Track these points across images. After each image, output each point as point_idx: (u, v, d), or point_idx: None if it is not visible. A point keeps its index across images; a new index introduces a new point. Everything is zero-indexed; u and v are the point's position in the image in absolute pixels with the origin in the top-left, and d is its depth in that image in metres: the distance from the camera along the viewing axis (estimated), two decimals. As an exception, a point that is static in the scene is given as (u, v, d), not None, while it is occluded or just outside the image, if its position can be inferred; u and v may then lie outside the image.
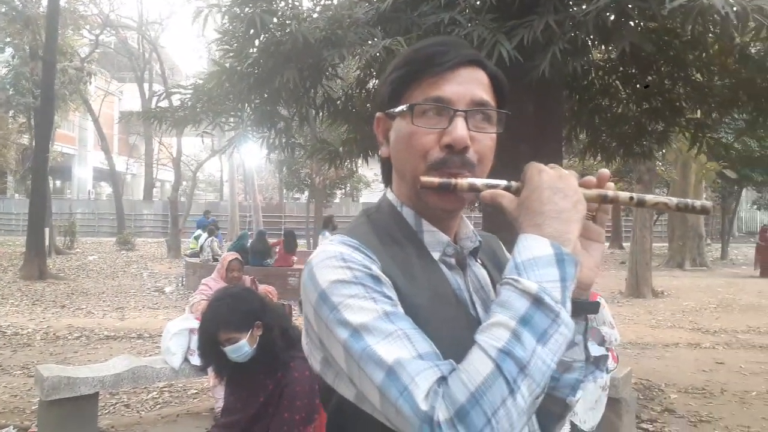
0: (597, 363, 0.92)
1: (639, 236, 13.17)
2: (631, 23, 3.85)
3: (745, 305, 12.00)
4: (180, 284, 13.99)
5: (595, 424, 4.14)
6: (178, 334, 4.64)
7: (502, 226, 1.06)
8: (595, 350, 0.91)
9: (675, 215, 18.89)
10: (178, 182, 26.05)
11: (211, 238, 14.19)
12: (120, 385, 4.45)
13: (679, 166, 17.62)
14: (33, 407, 4.94)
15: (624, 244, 25.39)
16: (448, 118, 0.92)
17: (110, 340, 8.01)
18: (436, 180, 0.90)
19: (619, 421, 4.36)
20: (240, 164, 30.02)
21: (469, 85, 0.94)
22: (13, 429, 4.48)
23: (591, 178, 0.91)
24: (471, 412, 0.71)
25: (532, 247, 0.80)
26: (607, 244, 28.10)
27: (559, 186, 0.84)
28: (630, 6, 3.63)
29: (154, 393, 5.53)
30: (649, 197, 0.90)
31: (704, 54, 4.87)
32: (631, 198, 0.90)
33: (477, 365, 0.74)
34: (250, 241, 13.50)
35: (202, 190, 48.02)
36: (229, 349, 2.46)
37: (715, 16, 3.45)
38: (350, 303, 0.83)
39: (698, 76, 5.20)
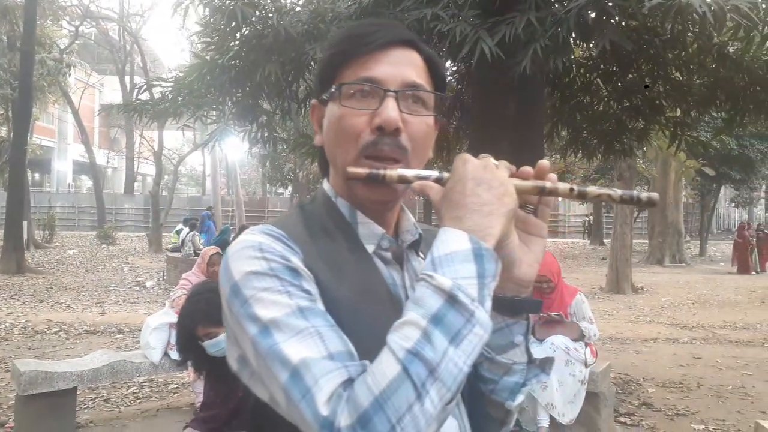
0: (543, 366, 0.86)
1: (619, 233, 13.32)
2: (612, 21, 3.89)
3: (722, 301, 12.21)
4: (161, 279, 13.89)
5: (573, 418, 4.19)
6: (158, 328, 4.61)
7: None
8: (540, 352, 0.82)
9: (655, 212, 19.15)
10: (159, 176, 25.82)
11: (192, 233, 14.11)
12: (99, 379, 4.41)
13: (659, 163, 17.84)
14: (10, 402, 4.88)
15: (605, 241, 25.67)
16: (379, 99, 0.87)
17: (90, 335, 7.93)
18: (363, 170, 0.85)
19: (597, 414, 4.41)
20: (222, 158, 29.85)
21: (402, 66, 0.89)
22: (-10, 424, 4.43)
23: (528, 169, 0.85)
24: (374, 418, 0.66)
25: (449, 241, 0.75)
26: (588, 240, 28.43)
27: (484, 177, 0.79)
28: (610, 4, 3.67)
29: (134, 388, 5.49)
30: (592, 189, 0.85)
31: (683, 53, 4.93)
32: (572, 189, 0.85)
33: (384, 367, 0.68)
34: (232, 236, 13.43)
35: (184, 185, 47.68)
36: (208, 344, 2.45)
37: (694, 15, 3.50)
38: (262, 296, 0.77)
39: (677, 74, 5.26)
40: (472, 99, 4.87)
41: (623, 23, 4.26)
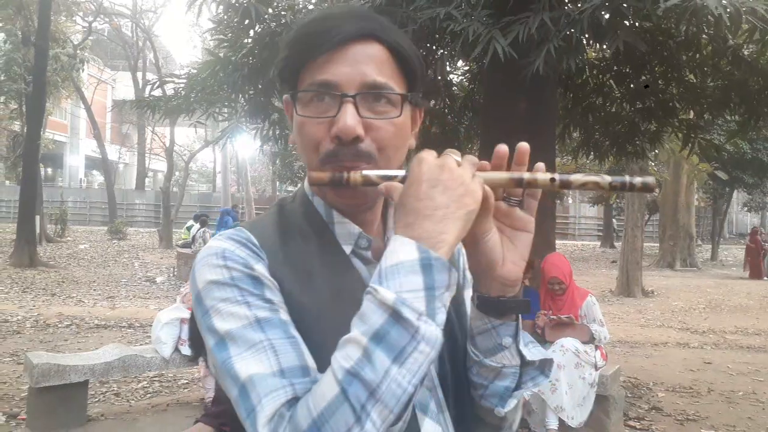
0: (542, 367, 0.79)
1: (630, 236, 13.25)
2: (626, 22, 3.87)
3: (734, 306, 12.11)
4: (171, 274, 13.97)
5: (583, 421, 4.18)
6: (169, 323, 4.64)
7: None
8: (537, 354, 0.78)
9: (667, 215, 19.03)
10: (170, 172, 25.94)
11: (203, 229, 14.16)
12: (110, 373, 4.45)
13: (671, 166, 17.73)
14: (22, 394, 4.93)
15: (615, 243, 25.54)
16: (337, 105, 0.81)
17: (100, 329, 7.99)
18: (325, 175, 0.80)
19: (606, 418, 4.40)
20: (233, 155, 29.95)
21: (360, 64, 0.81)
22: (2, 416, 4.47)
23: (501, 152, 0.78)
24: None
25: (396, 251, 0.70)
26: (598, 243, 28.29)
27: (440, 178, 0.72)
28: (625, 5, 3.66)
29: (144, 382, 5.53)
30: (576, 177, 0.78)
31: (698, 55, 4.90)
32: (553, 180, 0.78)
33: (324, 388, 0.66)
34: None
35: (194, 181, 47.90)
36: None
37: (710, 17, 3.48)
38: (220, 308, 0.75)
39: (691, 76, 5.23)
40: (484, 99, 4.86)
41: (637, 24, 4.24)
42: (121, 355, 4.46)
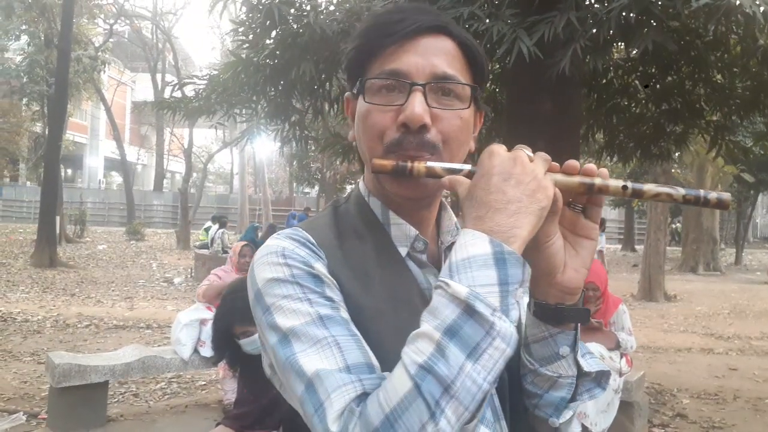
0: (598, 379, 0.79)
1: (653, 239, 13.06)
2: (654, 22, 3.79)
3: (759, 311, 11.87)
4: (189, 275, 14.04)
5: (606, 427, 4.10)
6: (188, 325, 4.64)
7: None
8: (594, 365, 0.76)
9: (690, 218, 18.77)
10: (188, 174, 26.16)
11: (221, 230, 14.22)
12: (130, 374, 4.45)
13: (695, 169, 17.47)
14: (43, 394, 4.95)
15: (636, 247, 25.24)
16: (406, 94, 0.81)
17: (119, 330, 8.03)
18: (389, 163, 0.79)
19: (631, 424, 4.32)
20: (251, 157, 30.11)
21: (431, 55, 0.82)
22: (23, 415, 4.49)
23: (573, 163, 0.77)
24: None
25: (468, 244, 0.69)
26: (619, 246, 27.98)
27: (512, 171, 0.71)
28: (653, 4, 3.58)
29: (163, 383, 5.54)
30: (649, 187, 0.76)
31: (726, 55, 4.80)
32: (625, 187, 0.75)
33: (396, 383, 0.64)
34: (259, 233, 13.52)
35: (212, 182, 48.24)
36: (244, 342, 2.45)
37: (740, 16, 3.39)
38: (282, 305, 0.75)
39: (719, 77, 5.12)
40: (507, 99, 4.79)
41: (664, 24, 4.15)
42: (141, 356, 4.46)
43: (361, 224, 0.88)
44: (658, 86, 5.31)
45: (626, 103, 5.61)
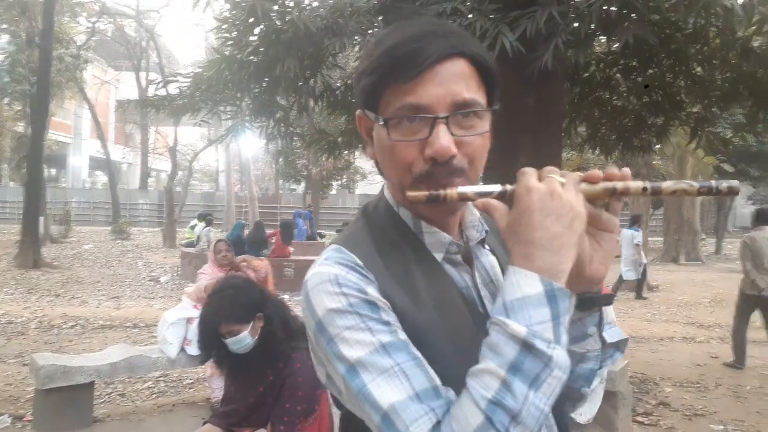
0: (618, 346, 0.89)
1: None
2: (635, 15, 3.83)
3: (740, 300, 12.03)
4: (175, 274, 13.97)
5: (591, 417, 4.15)
6: (175, 323, 4.62)
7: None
8: (614, 335, 0.86)
9: (671, 209, 18.97)
10: (174, 172, 25.98)
11: (207, 228, 14.15)
12: (116, 374, 4.43)
13: (676, 160, 17.66)
14: (28, 396, 4.92)
15: (618, 239, 25.39)
16: (428, 127, 0.83)
17: (105, 330, 7.98)
18: (423, 194, 0.83)
19: (614, 414, 4.37)
20: (236, 154, 29.95)
21: (450, 84, 0.83)
22: (8, 417, 4.46)
23: (596, 173, 0.82)
24: None
25: (520, 284, 0.74)
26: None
27: (551, 206, 0.75)
28: (634, -3, 3.61)
29: (150, 383, 5.52)
30: (667, 185, 0.81)
31: (706, 48, 4.86)
32: (645, 189, 0.81)
33: (467, 415, 0.71)
34: (246, 231, 13.47)
35: (197, 180, 47.91)
36: (230, 341, 2.45)
37: (718, 9, 3.44)
38: (346, 336, 0.80)
39: (699, 69, 5.18)
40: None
41: (645, 18, 4.20)
42: (127, 355, 4.44)
43: (396, 235, 0.92)
44: (639, 79, 5.37)
45: (608, 96, 5.66)
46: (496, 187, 0.81)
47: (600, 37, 4.56)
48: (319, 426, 2.45)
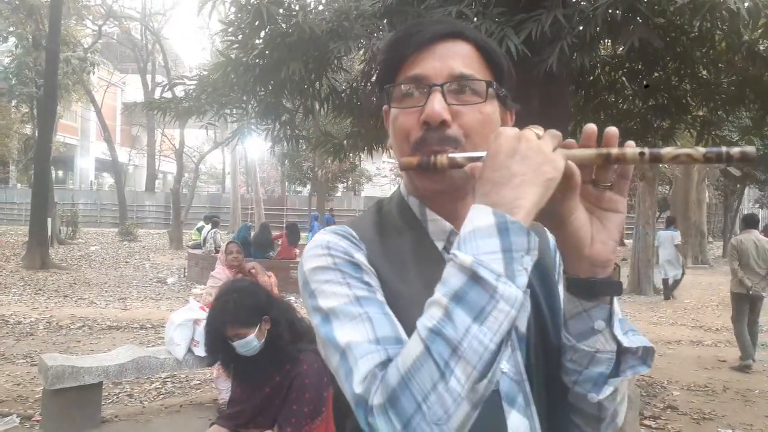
0: (644, 357, 0.76)
1: (641, 233, 13.16)
2: (640, 18, 3.83)
3: (747, 303, 11.97)
4: (182, 275, 14.02)
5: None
6: (182, 325, 4.65)
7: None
8: (637, 341, 0.75)
9: (677, 212, 18.87)
10: (180, 174, 26.05)
11: (214, 230, 14.20)
12: (124, 375, 4.46)
13: (683, 163, 17.56)
14: (36, 396, 4.95)
15: (625, 241, 25.33)
16: (426, 95, 0.87)
17: (113, 330, 8.02)
18: (414, 159, 0.85)
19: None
20: (242, 157, 30.03)
21: (448, 58, 0.88)
22: (17, 417, 4.49)
23: (590, 133, 0.78)
24: (401, 397, 0.68)
25: (473, 217, 0.72)
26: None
27: (517, 148, 0.73)
28: (639, 1, 3.61)
29: (157, 383, 5.55)
30: (667, 150, 0.74)
31: (711, 51, 4.84)
32: (642, 154, 0.74)
33: (410, 347, 0.70)
34: (252, 233, 13.51)
35: (204, 182, 48.06)
36: (238, 344, 2.46)
37: (724, 12, 3.43)
38: (324, 289, 0.83)
39: (705, 73, 5.17)
40: (496, 97, 4.82)
41: (650, 21, 4.19)
42: (135, 356, 4.47)
43: (401, 221, 0.95)
44: (644, 82, 5.36)
45: (614, 99, 5.65)
46: (485, 153, 0.79)
47: (605, 40, 4.55)
48: (326, 428, 2.46)
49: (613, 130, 0.78)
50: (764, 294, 7.06)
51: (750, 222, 7.57)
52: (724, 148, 0.72)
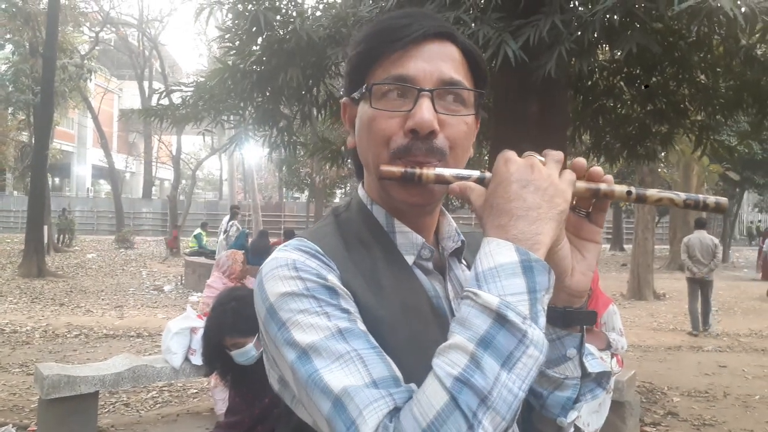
0: (599, 380, 0.80)
1: (641, 238, 13.15)
2: (638, 24, 3.82)
3: (747, 308, 11.99)
4: (179, 283, 13.96)
5: (598, 427, 4.11)
6: (179, 333, 4.60)
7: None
8: (596, 366, 0.78)
9: (677, 216, 18.89)
10: (177, 180, 26.05)
11: (233, 222, 14.08)
12: (120, 384, 4.41)
13: (681, 168, 17.60)
14: (32, 405, 4.91)
15: (625, 246, 25.37)
16: (413, 100, 0.80)
17: (109, 339, 7.97)
18: (398, 170, 0.78)
19: (622, 424, 4.34)
20: (239, 163, 30.01)
21: (437, 61, 0.81)
22: (12, 428, 4.45)
23: (580, 162, 0.78)
24: None
25: (494, 253, 0.68)
26: (608, 245, 28.12)
27: (530, 178, 0.70)
28: (637, 6, 3.61)
29: (154, 392, 5.50)
30: (651, 192, 0.77)
31: (709, 55, 4.85)
32: (629, 193, 0.76)
33: (431, 396, 0.63)
34: (249, 240, 13.46)
35: (201, 189, 48.04)
36: (236, 354, 2.43)
37: (722, 17, 3.43)
38: (299, 320, 0.73)
39: (703, 77, 5.18)
40: (494, 102, 4.82)
41: (648, 26, 4.19)
42: (131, 365, 4.42)
43: (366, 232, 0.87)
44: (643, 87, 5.36)
45: (612, 104, 5.66)
46: (475, 172, 0.78)
47: (603, 46, 4.55)
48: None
49: (598, 170, 0.78)
50: (710, 278, 9.26)
51: (699, 224, 9.74)
52: (701, 197, 0.78)
